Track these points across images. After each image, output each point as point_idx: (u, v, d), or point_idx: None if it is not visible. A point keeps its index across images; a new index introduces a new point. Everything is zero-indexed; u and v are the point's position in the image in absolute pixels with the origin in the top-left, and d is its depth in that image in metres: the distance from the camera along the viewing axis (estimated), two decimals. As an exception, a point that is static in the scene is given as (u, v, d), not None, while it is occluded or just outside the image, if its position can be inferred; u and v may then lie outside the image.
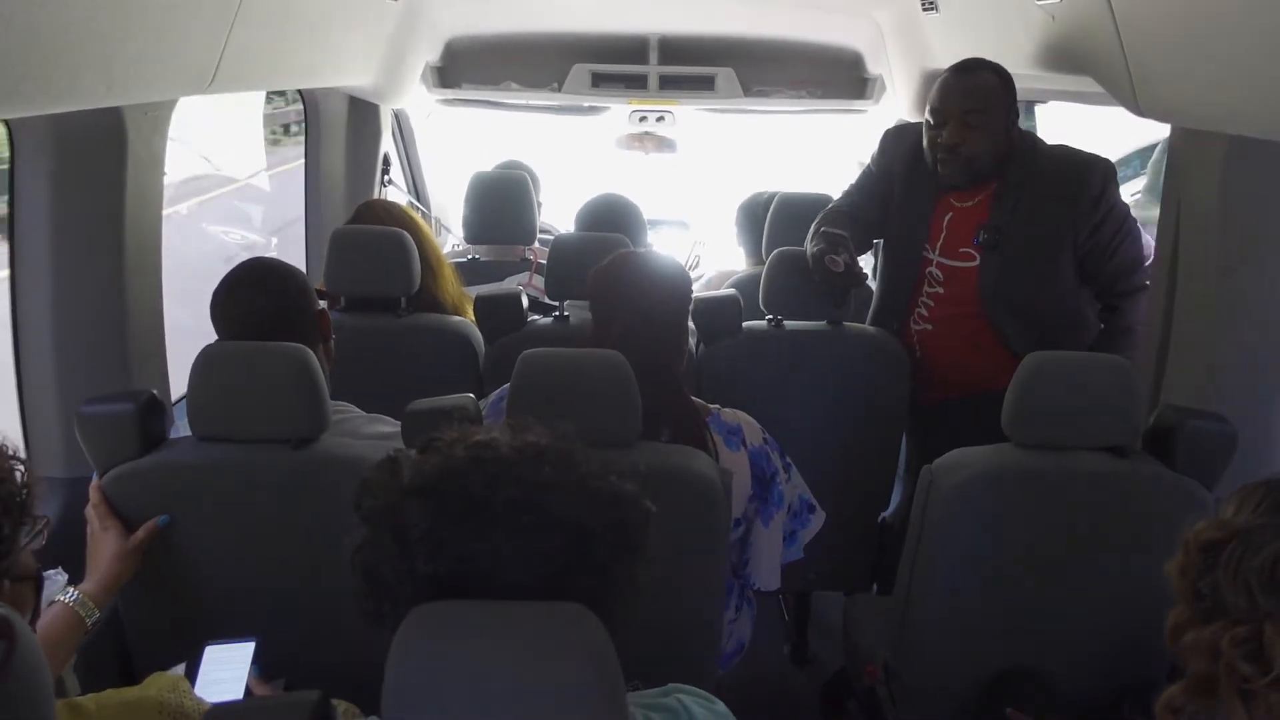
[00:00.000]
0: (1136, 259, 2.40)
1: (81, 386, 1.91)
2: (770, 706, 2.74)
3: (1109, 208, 2.35)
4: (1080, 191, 2.34)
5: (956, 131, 2.37)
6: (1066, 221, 2.35)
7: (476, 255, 3.36)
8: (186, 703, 1.27)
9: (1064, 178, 2.37)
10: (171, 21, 1.80)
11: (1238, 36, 1.61)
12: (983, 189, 2.44)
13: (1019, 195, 2.39)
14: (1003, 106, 2.38)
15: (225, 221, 6.48)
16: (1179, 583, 1.11)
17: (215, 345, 1.71)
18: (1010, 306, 2.41)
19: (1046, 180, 2.38)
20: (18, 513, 1.11)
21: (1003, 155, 2.39)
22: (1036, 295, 2.39)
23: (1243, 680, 1.01)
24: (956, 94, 2.39)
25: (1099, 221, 2.35)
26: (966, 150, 2.37)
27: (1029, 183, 2.39)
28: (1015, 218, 2.39)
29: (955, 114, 2.37)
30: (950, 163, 2.40)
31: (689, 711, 1.07)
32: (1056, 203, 2.36)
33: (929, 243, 2.50)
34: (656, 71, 3.74)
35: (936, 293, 2.51)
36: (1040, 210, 2.37)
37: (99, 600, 1.55)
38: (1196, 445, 1.74)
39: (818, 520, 2.06)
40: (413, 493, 0.94)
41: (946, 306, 2.51)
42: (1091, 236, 2.36)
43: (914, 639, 1.87)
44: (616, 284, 1.93)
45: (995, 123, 2.37)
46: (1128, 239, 2.38)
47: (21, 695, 0.85)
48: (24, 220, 1.92)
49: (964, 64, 2.43)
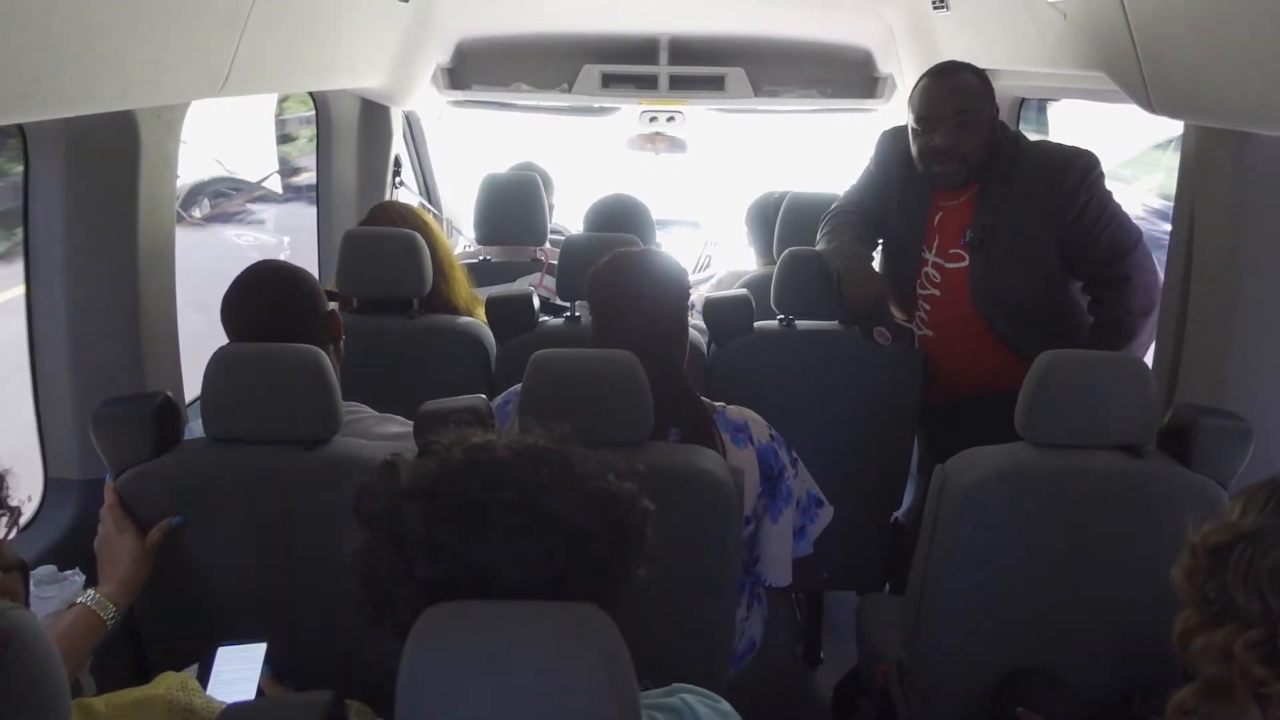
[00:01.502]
0: (1119, 248, 2.36)
1: (96, 388, 1.92)
2: (783, 706, 2.74)
3: (1089, 196, 2.34)
4: (1061, 181, 2.34)
5: (949, 134, 2.38)
6: (1049, 213, 2.35)
7: (488, 256, 3.36)
8: (196, 701, 1.28)
9: (1046, 171, 2.37)
10: (184, 25, 1.80)
11: (1251, 33, 1.60)
12: (967, 188, 2.44)
13: (1002, 192, 2.40)
14: (988, 103, 2.41)
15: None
16: (1185, 587, 1.10)
17: (229, 347, 1.72)
18: (1002, 305, 2.41)
19: (1028, 175, 2.38)
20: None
21: (991, 151, 2.41)
22: (1026, 291, 2.40)
23: (1258, 684, 1.01)
24: (944, 97, 2.39)
25: (1080, 210, 2.34)
26: (961, 150, 2.38)
27: (1012, 178, 2.39)
28: (999, 215, 2.39)
29: (946, 117, 2.38)
30: (946, 164, 2.41)
31: (693, 711, 1.07)
32: (1039, 196, 2.36)
33: (925, 244, 2.51)
34: (667, 72, 3.73)
35: (932, 295, 2.52)
36: (1023, 205, 2.37)
37: (118, 601, 1.56)
38: (1211, 444, 1.73)
39: (826, 514, 2.06)
40: (410, 496, 0.94)
41: (943, 310, 2.51)
42: (1073, 224, 2.35)
43: (927, 638, 1.86)
44: (615, 284, 1.93)
45: (983, 120, 2.40)
46: (1110, 226, 2.36)
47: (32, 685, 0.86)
48: (38, 224, 1.94)
49: (943, 67, 2.45)
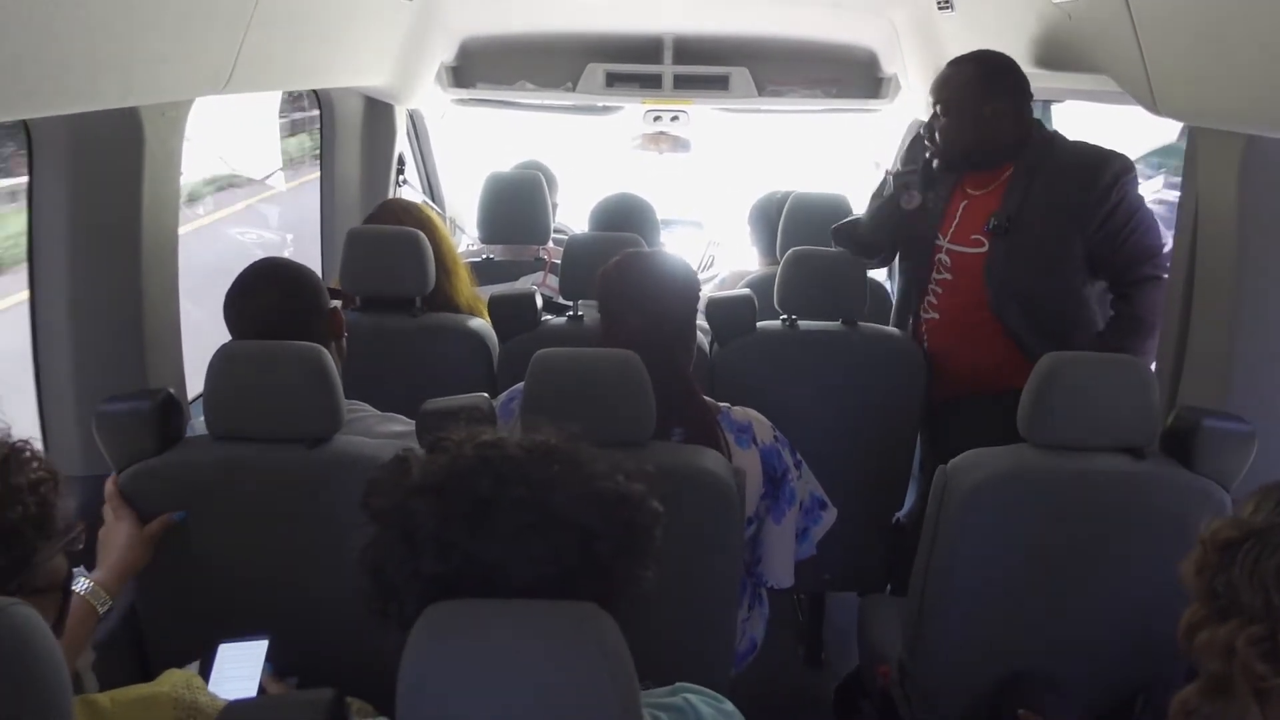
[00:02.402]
0: (1149, 249, 2.38)
1: (99, 385, 1.92)
2: (784, 707, 2.74)
3: (1120, 197, 2.35)
4: (1093, 181, 2.35)
5: (933, 119, 2.53)
6: (1077, 210, 2.36)
7: (491, 255, 3.36)
8: (200, 698, 1.28)
9: (1078, 168, 2.39)
10: (188, 22, 1.81)
11: (1256, 35, 1.59)
12: (997, 177, 2.47)
13: (1031, 183, 2.41)
14: (983, 97, 2.44)
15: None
16: (1194, 581, 1.10)
17: (232, 344, 1.72)
18: (1015, 295, 2.42)
19: (1061, 170, 2.40)
20: (35, 527, 1.08)
21: (977, 142, 2.46)
22: (1042, 283, 2.40)
23: (1258, 679, 1.01)
24: (938, 85, 2.53)
25: (1110, 210, 2.35)
26: (944, 136, 2.50)
27: (1043, 171, 2.41)
28: (1026, 205, 2.41)
29: (934, 102, 2.53)
30: (931, 146, 2.54)
31: (696, 711, 1.07)
32: (1069, 192, 2.37)
33: (941, 231, 2.54)
34: (671, 71, 3.74)
35: (945, 280, 2.54)
36: (1052, 198, 2.39)
37: (110, 589, 1.55)
38: (1214, 446, 1.73)
39: (829, 517, 2.06)
40: (420, 491, 0.94)
41: (953, 295, 2.53)
42: (1102, 226, 2.35)
43: (928, 640, 1.86)
44: (623, 285, 1.93)
45: (966, 110, 2.46)
46: (1139, 229, 2.37)
47: (33, 681, 0.86)
48: (42, 220, 1.94)
49: (957, 57, 2.54)
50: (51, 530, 1.12)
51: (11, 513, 1.05)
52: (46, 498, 1.10)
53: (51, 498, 1.11)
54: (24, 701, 0.86)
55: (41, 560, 1.11)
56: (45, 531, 1.11)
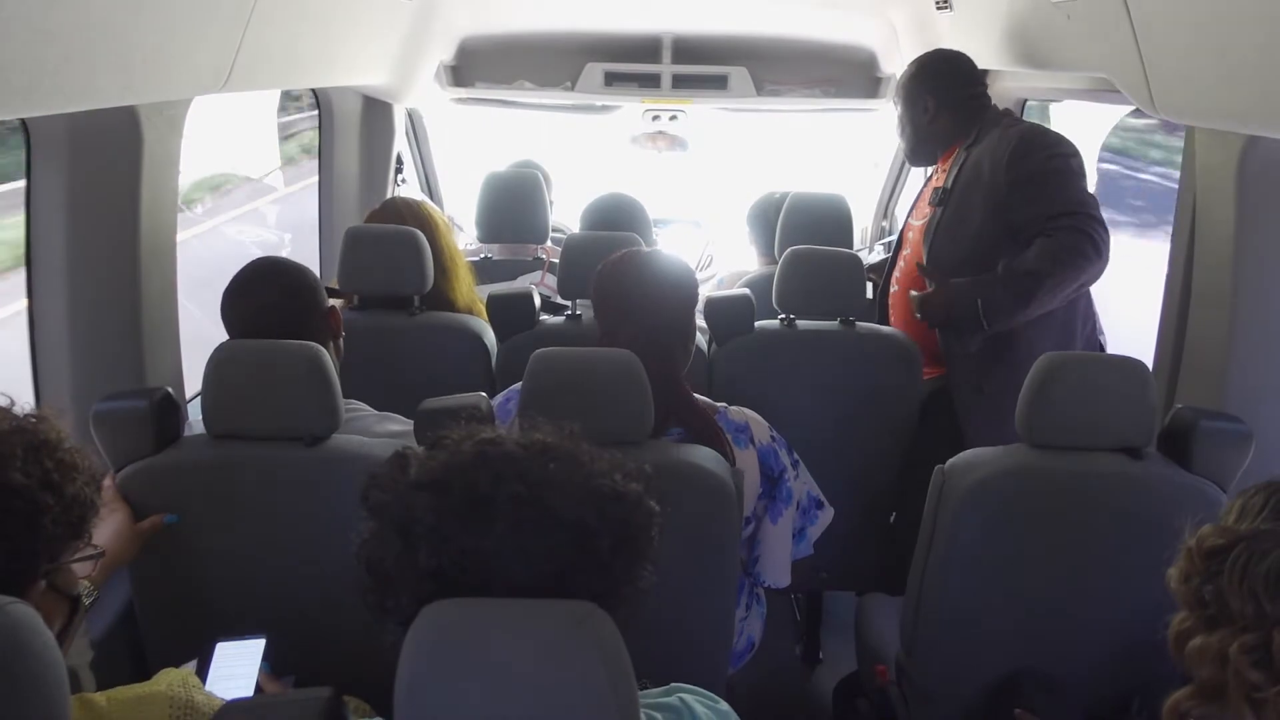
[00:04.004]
0: (1060, 204, 2.30)
1: (97, 384, 1.92)
2: (782, 706, 2.74)
3: (1033, 169, 2.36)
4: (1008, 152, 2.41)
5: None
6: (993, 176, 2.42)
7: (489, 254, 3.36)
8: (196, 697, 1.28)
9: (1005, 142, 2.44)
10: (187, 21, 1.81)
11: (1255, 35, 1.59)
12: (952, 153, 2.63)
13: (967, 157, 2.54)
14: (920, 94, 2.65)
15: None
16: (1181, 589, 1.10)
17: (230, 343, 1.72)
18: (936, 262, 2.51)
19: (990, 146, 2.49)
20: (86, 507, 1.17)
21: (922, 138, 2.68)
22: (956, 250, 2.48)
23: (1252, 688, 1.01)
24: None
25: (1017, 178, 2.37)
26: (899, 137, 2.79)
27: (977, 145, 2.53)
28: (958, 179, 2.54)
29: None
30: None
31: (692, 711, 1.07)
32: (990, 162, 2.45)
33: (913, 213, 2.75)
34: (670, 70, 3.74)
35: (906, 254, 2.71)
36: (976, 170, 2.49)
37: (95, 580, 1.54)
38: (1211, 446, 1.73)
39: (826, 516, 2.06)
40: (419, 487, 0.95)
41: (907, 268, 2.69)
42: (1011, 191, 2.37)
43: (926, 639, 1.86)
44: (621, 284, 1.92)
45: (906, 109, 2.71)
46: (1052, 184, 2.34)
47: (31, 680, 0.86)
48: (40, 219, 1.94)
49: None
50: (87, 529, 1.19)
51: (74, 486, 1.15)
52: (92, 497, 1.19)
53: (95, 499, 1.20)
54: (22, 699, 0.86)
55: (73, 555, 1.18)
56: (87, 524, 1.18)
